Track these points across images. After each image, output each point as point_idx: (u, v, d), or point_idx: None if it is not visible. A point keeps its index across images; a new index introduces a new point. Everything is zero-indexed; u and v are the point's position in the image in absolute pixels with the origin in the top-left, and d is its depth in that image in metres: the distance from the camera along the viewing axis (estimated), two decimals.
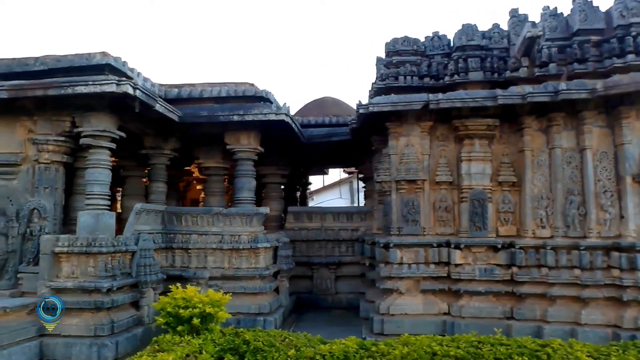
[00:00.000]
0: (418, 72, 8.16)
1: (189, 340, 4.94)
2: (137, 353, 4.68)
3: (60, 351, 6.34)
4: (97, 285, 6.49)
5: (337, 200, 24.15)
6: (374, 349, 5.02)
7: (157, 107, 7.29)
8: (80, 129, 7.04)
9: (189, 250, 8.22)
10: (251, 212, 8.29)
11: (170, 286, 5.76)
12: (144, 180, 10.03)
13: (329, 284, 10.09)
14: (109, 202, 7.24)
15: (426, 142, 8.08)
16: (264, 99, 8.50)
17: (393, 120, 8.09)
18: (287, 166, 10.80)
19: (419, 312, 7.71)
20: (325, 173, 15.78)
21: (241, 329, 5.45)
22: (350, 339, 5.23)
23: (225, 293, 5.83)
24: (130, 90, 6.50)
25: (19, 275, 6.85)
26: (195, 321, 5.02)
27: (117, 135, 7.26)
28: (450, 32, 8.59)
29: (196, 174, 12.20)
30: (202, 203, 12.34)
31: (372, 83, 9.55)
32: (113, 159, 7.96)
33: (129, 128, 7.77)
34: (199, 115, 8.20)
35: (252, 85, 8.60)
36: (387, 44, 8.53)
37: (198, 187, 12.77)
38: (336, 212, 10.50)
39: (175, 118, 7.93)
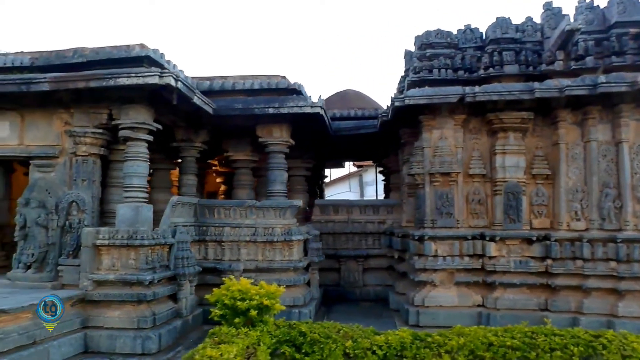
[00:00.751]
0: (452, 65, 8.14)
1: (246, 332, 4.96)
2: (199, 345, 4.69)
3: (105, 343, 6.34)
4: (139, 277, 6.49)
5: (346, 193, 24.08)
6: (429, 339, 5.08)
7: (195, 99, 7.27)
8: (117, 122, 7.00)
9: (222, 243, 8.23)
10: (285, 204, 8.30)
11: (223, 278, 5.77)
12: (171, 172, 10.02)
13: (356, 277, 10.12)
14: (147, 195, 7.23)
15: (459, 135, 8.12)
16: (296, 91, 8.48)
17: (426, 113, 8.11)
18: (312, 159, 10.79)
19: (454, 304, 7.78)
20: (342, 166, 15.77)
21: (294, 321, 5.49)
22: (404, 330, 5.28)
23: None
24: (172, 82, 6.47)
25: (59, 268, 6.84)
26: (253, 313, 5.03)
27: (154, 127, 7.23)
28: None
29: (217, 166, 12.15)
30: (222, 196, 12.31)
31: (402, 76, 9.55)
32: None
33: (162, 120, 7.72)
34: (233, 107, 8.16)
35: (284, 77, 8.56)
36: (418, 37, 8.52)
37: (218, 179, 12.72)
38: (363, 205, 10.52)
39: (210, 110, 7.90)
